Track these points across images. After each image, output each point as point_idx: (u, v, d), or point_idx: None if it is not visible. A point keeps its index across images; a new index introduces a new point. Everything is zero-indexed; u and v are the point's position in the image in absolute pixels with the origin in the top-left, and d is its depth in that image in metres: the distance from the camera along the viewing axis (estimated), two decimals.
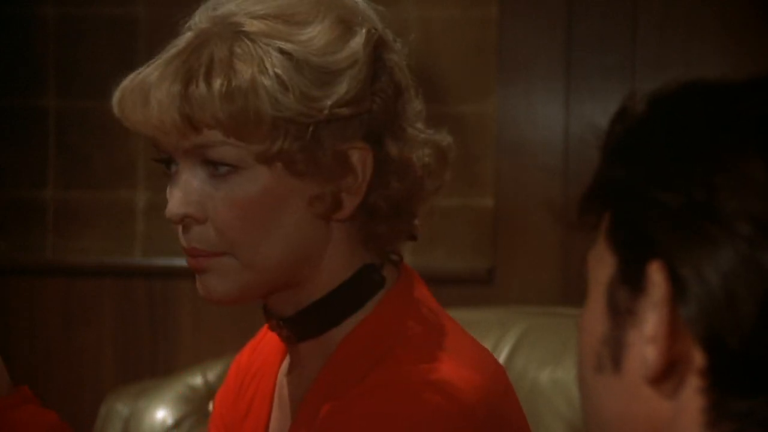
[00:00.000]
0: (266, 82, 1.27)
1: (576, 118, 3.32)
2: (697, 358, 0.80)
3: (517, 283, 3.35)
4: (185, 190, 1.31)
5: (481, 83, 3.36)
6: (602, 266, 0.86)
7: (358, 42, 1.32)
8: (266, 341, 1.51)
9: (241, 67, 1.27)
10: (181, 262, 4.15)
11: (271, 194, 1.30)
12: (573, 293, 3.29)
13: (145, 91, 1.28)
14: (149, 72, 1.30)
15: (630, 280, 0.83)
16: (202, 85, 1.27)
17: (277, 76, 1.28)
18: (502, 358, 2.62)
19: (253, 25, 1.30)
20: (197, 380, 2.80)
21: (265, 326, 1.53)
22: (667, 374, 0.81)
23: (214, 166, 1.30)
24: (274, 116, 1.27)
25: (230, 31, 1.30)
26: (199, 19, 1.33)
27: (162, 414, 2.75)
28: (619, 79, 3.31)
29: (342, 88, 1.30)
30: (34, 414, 1.40)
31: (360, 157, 1.32)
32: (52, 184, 3.55)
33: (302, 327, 1.36)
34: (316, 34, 1.31)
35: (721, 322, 0.78)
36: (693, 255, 0.79)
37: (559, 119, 3.33)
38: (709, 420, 0.80)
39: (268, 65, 1.28)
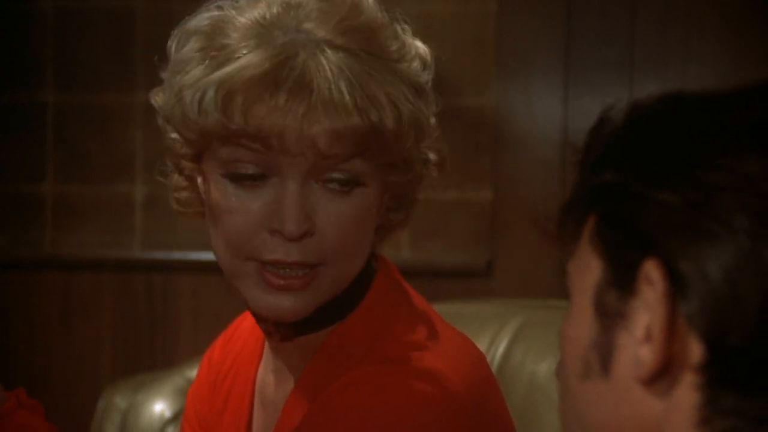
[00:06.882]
0: (420, 116, 1.31)
1: (575, 112, 3.32)
2: (694, 354, 0.80)
3: (515, 276, 3.35)
4: (302, 207, 1.27)
5: (480, 77, 3.36)
6: (587, 273, 0.87)
7: (420, 55, 1.38)
8: (237, 336, 1.50)
9: (393, 93, 1.29)
10: (179, 255, 4.10)
11: (373, 206, 1.31)
12: None
13: (302, 111, 1.23)
14: (285, 87, 1.24)
15: (620, 281, 0.84)
16: (374, 115, 1.26)
17: (419, 110, 1.32)
18: (500, 351, 2.62)
19: (363, 52, 1.30)
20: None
21: (235, 322, 1.52)
22: (662, 373, 0.81)
23: (330, 181, 1.28)
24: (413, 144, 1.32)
25: (356, 61, 1.29)
26: (282, 36, 1.27)
27: (160, 407, 2.75)
28: (619, 73, 3.31)
29: (432, 102, 1.37)
30: (22, 424, 1.39)
31: None
32: (51, 178, 3.55)
33: (300, 326, 1.35)
34: (405, 55, 1.35)
35: (724, 316, 0.79)
36: (692, 250, 0.80)
37: (558, 113, 3.33)
38: (702, 417, 0.80)
39: (410, 97, 1.31)
